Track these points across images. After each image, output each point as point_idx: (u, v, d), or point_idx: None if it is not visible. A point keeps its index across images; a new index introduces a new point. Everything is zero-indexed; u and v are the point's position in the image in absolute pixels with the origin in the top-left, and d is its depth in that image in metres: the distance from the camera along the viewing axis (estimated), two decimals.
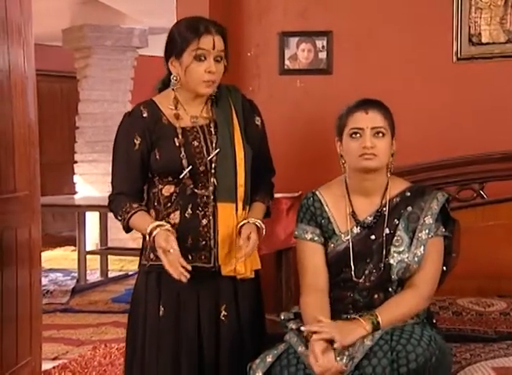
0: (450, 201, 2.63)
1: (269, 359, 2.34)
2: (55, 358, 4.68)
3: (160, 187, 2.59)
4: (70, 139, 9.56)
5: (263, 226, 2.59)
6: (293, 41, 3.81)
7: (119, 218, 2.58)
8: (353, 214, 2.55)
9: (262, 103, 3.82)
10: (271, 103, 3.86)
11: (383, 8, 3.75)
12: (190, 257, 2.53)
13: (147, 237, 2.49)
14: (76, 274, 7.32)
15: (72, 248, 8.43)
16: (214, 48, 2.51)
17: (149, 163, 2.59)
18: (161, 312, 2.57)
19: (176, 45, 2.54)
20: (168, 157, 2.55)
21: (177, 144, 2.55)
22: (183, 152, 2.54)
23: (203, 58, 2.51)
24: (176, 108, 2.61)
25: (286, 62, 3.83)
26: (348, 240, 2.53)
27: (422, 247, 2.47)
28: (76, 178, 9.19)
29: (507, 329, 2.86)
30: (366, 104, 2.53)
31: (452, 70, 3.69)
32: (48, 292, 6.70)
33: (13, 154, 3.80)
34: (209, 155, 2.56)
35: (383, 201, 2.54)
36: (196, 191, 2.55)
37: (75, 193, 9.06)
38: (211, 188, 2.56)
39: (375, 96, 2.67)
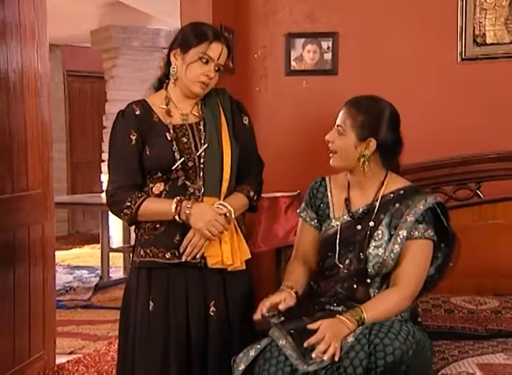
0: (446, 209, 2.62)
1: (252, 353, 2.40)
2: (71, 353, 4.76)
3: (151, 185, 2.66)
4: (100, 138, 9.68)
5: (230, 208, 2.60)
6: (299, 42, 3.85)
7: (126, 205, 2.58)
8: (348, 203, 2.64)
9: (269, 103, 3.93)
10: (277, 103, 3.93)
11: (388, 9, 3.77)
12: (176, 253, 2.60)
13: (174, 211, 2.54)
14: (100, 271, 7.43)
15: (99, 245, 8.52)
16: (218, 59, 2.64)
17: (142, 160, 2.66)
18: (150, 308, 2.63)
19: (185, 40, 2.65)
20: (160, 152, 2.62)
21: (169, 138, 2.63)
22: (175, 146, 2.62)
23: (206, 61, 2.62)
24: (167, 105, 2.70)
25: (292, 63, 3.88)
26: (338, 225, 2.62)
27: (399, 244, 2.50)
28: (103, 177, 9.32)
29: (498, 327, 2.89)
30: (349, 102, 2.62)
31: (456, 71, 3.70)
32: (71, 289, 6.83)
33: (26, 152, 3.91)
34: (198, 151, 2.63)
35: (376, 196, 2.60)
36: (187, 182, 2.61)
37: (102, 191, 9.18)
38: (200, 183, 2.62)
39: (380, 96, 2.69)
